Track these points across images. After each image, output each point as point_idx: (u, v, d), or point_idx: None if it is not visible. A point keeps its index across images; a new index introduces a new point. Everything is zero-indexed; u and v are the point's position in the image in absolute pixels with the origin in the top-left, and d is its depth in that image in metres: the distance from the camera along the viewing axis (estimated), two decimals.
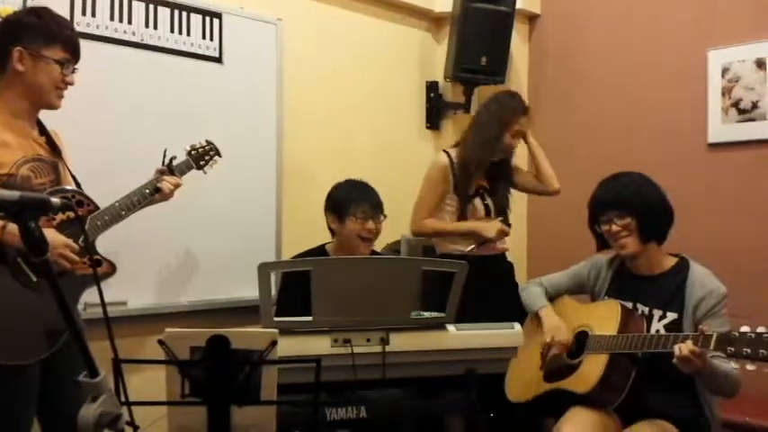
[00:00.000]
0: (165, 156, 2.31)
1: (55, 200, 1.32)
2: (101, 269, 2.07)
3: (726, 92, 3.14)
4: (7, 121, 1.98)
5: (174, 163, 2.33)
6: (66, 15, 2.46)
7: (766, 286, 3.01)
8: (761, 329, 1.81)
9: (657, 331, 2.19)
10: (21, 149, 1.97)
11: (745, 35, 3.10)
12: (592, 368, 2.21)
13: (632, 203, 2.28)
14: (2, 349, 1.87)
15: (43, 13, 2.03)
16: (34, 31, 1.97)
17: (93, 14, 2.57)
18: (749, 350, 1.81)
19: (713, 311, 2.14)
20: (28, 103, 2.01)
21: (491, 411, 2.97)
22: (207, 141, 2.49)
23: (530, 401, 2.45)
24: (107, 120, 2.59)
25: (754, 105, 3.07)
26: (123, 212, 2.13)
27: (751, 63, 3.08)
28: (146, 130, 2.65)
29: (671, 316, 2.20)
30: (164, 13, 2.76)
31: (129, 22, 2.67)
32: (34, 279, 1.91)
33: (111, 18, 2.62)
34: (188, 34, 2.83)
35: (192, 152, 2.43)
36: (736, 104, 3.12)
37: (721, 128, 3.16)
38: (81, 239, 2.00)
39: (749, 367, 1.85)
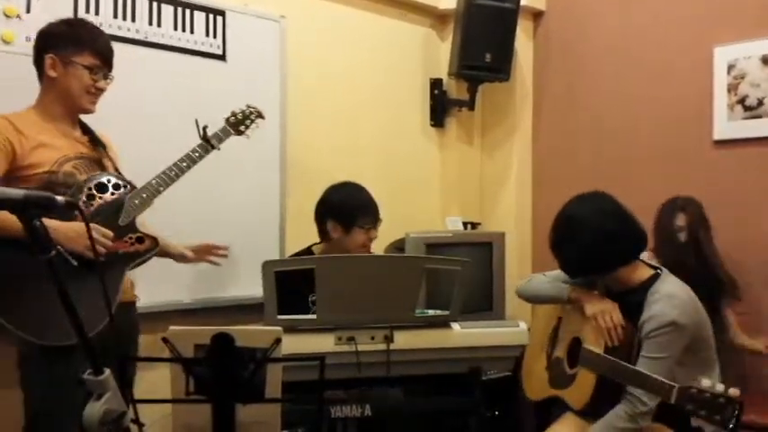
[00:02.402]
0: (197, 126, 2.31)
1: (59, 198, 1.33)
2: (143, 245, 2.14)
3: (732, 89, 3.13)
4: (47, 124, 2.09)
5: (209, 132, 2.32)
6: (70, 13, 2.47)
7: None
8: (719, 388, 1.69)
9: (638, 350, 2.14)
10: (61, 149, 2.07)
11: (750, 32, 3.08)
12: (584, 385, 2.17)
13: (561, 254, 2.25)
14: (40, 331, 1.92)
15: (74, 23, 2.17)
16: (65, 39, 2.08)
17: (97, 12, 2.56)
18: (705, 412, 1.71)
19: (649, 335, 2.07)
20: (62, 107, 2.12)
21: (496, 409, 2.98)
22: (248, 105, 2.50)
23: (540, 402, 2.45)
24: (109, 117, 2.57)
25: (760, 102, 3.06)
26: (161, 188, 2.18)
27: (757, 60, 3.06)
28: (149, 128, 2.64)
29: (637, 335, 2.14)
30: (167, 10, 2.76)
31: (133, 19, 2.67)
32: (75, 263, 1.93)
33: (115, 16, 2.62)
34: (191, 32, 2.83)
35: (231, 118, 2.43)
36: (741, 101, 3.10)
37: (727, 125, 3.15)
38: (121, 219, 2.09)
39: (707, 429, 1.77)
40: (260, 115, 2.52)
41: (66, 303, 1.32)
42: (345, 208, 2.60)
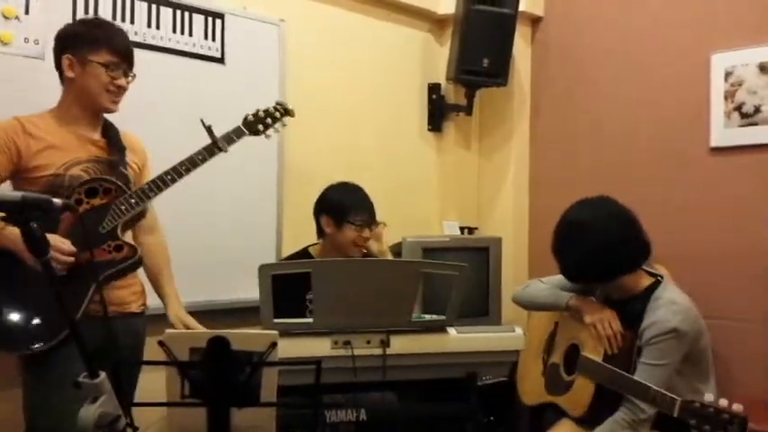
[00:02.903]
0: (203, 125, 2.20)
1: (56, 200, 1.33)
2: (120, 254, 2.07)
3: (728, 96, 3.14)
4: (61, 126, 2.07)
5: (218, 133, 2.20)
6: (68, 15, 2.47)
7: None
8: (722, 403, 1.67)
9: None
10: (72, 152, 2.04)
11: (748, 39, 3.09)
12: (582, 393, 2.17)
13: (563, 258, 2.24)
14: (14, 339, 1.89)
15: (90, 22, 2.16)
16: (80, 39, 2.06)
17: (96, 14, 2.56)
18: (708, 427, 1.67)
19: (650, 342, 2.07)
20: (81, 108, 2.09)
21: (492, 415, 2.97)
22: (277, 102, 2.41)
23: (536, 407, 2.45)
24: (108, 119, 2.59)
25: (757, 109, 3.06)
26: (152, 194, 2.10)
27: (754, 67, 3.07)
28: (147, 131, 2.62)
29: (637, 342, 2.14)
30: (166, 13, 2.76)
31: (132, 22, 2.67)
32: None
33: (114, 18, 2.61)
34: (190, 35, 2.83)
35: (249, 117, 2.31)
36: (738, 108, 3.11)
37: (724, 132, 3.15)
38: (102, 225, 2.03)
39: None
40: (287, 112, 2.39)
41: (62, 306, 1.32)
42: (338, 203, 2.66)
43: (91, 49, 2.05)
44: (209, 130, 2.20)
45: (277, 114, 2.38)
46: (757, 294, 3.01)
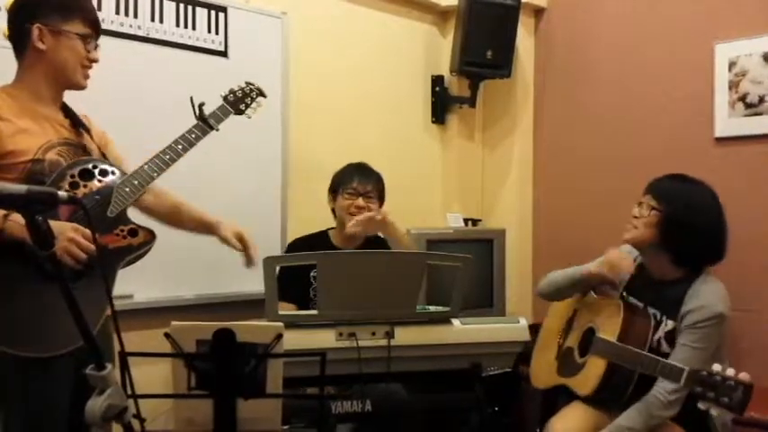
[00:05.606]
0: (192, 104, 2.10)
1: (62, 193, 1.32)
2: (137, 239, 1.94)
3: (733, 86, 3.12)
4: (28, 106, 1.88)
5: (207, 111, 2.12)
6: None
7: None
8: (729, 372, 1.69)
9: (658, 339, 2.19)
10: (44, 134, 1.87)
11: (752, 29, 3.08)
12: (593, 372, 2.19)
13: (671, 203, 2.28)
14: (26, 342, 1.74)
15: None
16: (51, 6, 1.87)
17: (99, 8, 2.56)
18: (713, 394, 1.69)
19: (695, 326, 2.10)
20: (52, 83, 1.92)
21: (496, 405, 2.98)
22: (246, 82, 2.33)
23: (546, 390, 2.46)
24: (111, 114, 2.57)
25: (761, 99, 3.05)
26: (155, 174, 1.97)
27: (758, 57, 3.05)
28: (150, 125, 2.63)
29: (670, 324, 2.19)
30: (169, 6, 2.76)
31: (135, 15, 2.67)
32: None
33: (117, 12, 2.62)
34: (193, 28, 2.83)
35: (229, 96, 2.25)
36: (743, 98, 3.10)
37: (728, 122, 3.14)
38: (109, 209, 1.89)
39: (713, 412, 1.73)
40: (261, 93, 2.33)
41: (68, 299, 1.32)
42: (334, 179, 2.84)
43: (64, 19, 1.86)
44: (199, 107, 2.12)
45: (253, 94, 2.32)
46: (764, 285, 3.01)
